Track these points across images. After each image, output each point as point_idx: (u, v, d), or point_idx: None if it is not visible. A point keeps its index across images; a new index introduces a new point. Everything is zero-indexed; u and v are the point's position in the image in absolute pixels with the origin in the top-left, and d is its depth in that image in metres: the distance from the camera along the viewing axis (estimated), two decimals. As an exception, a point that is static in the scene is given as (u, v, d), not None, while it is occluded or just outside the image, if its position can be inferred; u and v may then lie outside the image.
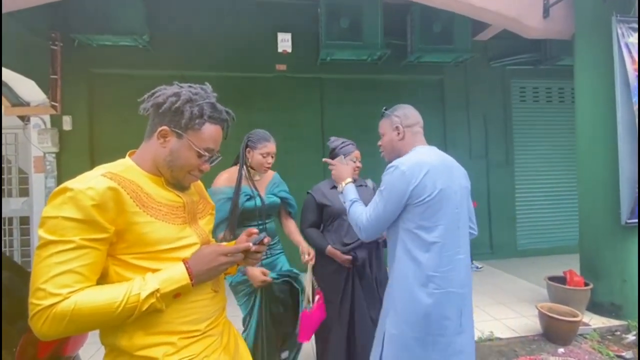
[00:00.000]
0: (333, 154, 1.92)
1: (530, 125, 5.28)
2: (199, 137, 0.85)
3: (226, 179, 1.78)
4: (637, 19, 2.85)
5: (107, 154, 4.25)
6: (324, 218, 1.95)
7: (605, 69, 2.93)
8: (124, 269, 0.77)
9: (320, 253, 1.90)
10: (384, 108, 1.46)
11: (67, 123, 4.06)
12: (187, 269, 0.80)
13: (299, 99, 4.66)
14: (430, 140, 1.40)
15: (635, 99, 2.85)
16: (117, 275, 0.77)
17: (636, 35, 2.82)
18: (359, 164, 1.92)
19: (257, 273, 1.64)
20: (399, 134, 1.36)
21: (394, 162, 1.28)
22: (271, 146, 1.83)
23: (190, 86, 0.89)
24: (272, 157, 1.83)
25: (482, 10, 3.06)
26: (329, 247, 1.84)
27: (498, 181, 5.09)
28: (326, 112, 4.76)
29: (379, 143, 1.46)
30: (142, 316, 0.75)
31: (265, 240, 0.92)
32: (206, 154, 0.87)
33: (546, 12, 3.11)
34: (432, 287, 1.20)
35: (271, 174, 1.97)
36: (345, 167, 1.53)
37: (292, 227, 1.98)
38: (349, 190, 1.45)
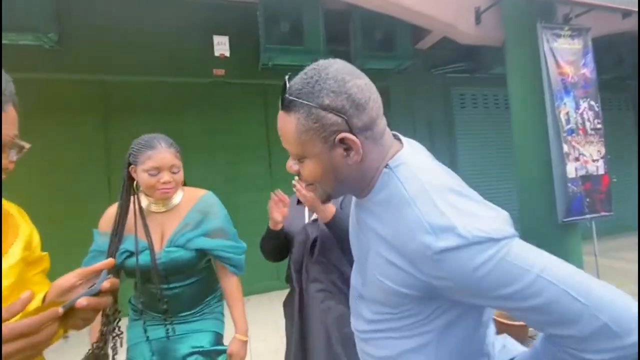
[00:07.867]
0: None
1: (471, 130, 5.50)
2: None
3: (111, 217, 1.15)
4: (561, 25, 2.99)
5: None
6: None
7: (533, 74, 3.05)
8: None
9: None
10: (287, 76, 0.65)
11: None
12: None
13: (240, 106, 4.35)
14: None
15: (558, 103, 2.99)
16: None
17: (560, 40, 2.98)
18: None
19: None
20: (347, 153, 0.62)
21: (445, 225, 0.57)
22: (160, 156, 1.12)
23: None
24: (170, 171, 1.14)
25: (419, 15, 3.06)
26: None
27: (445, 186, 5.17)
28: (271, 120, 4.50)
29: (297, 179, 0.97)
30: None
31: (105, 285, 0.54)
32: None
33: (478, 19, 3.19)
34: None
35: (194, 195, 1.26)
36: None
37: (230, 289, 1.28)
38: None
